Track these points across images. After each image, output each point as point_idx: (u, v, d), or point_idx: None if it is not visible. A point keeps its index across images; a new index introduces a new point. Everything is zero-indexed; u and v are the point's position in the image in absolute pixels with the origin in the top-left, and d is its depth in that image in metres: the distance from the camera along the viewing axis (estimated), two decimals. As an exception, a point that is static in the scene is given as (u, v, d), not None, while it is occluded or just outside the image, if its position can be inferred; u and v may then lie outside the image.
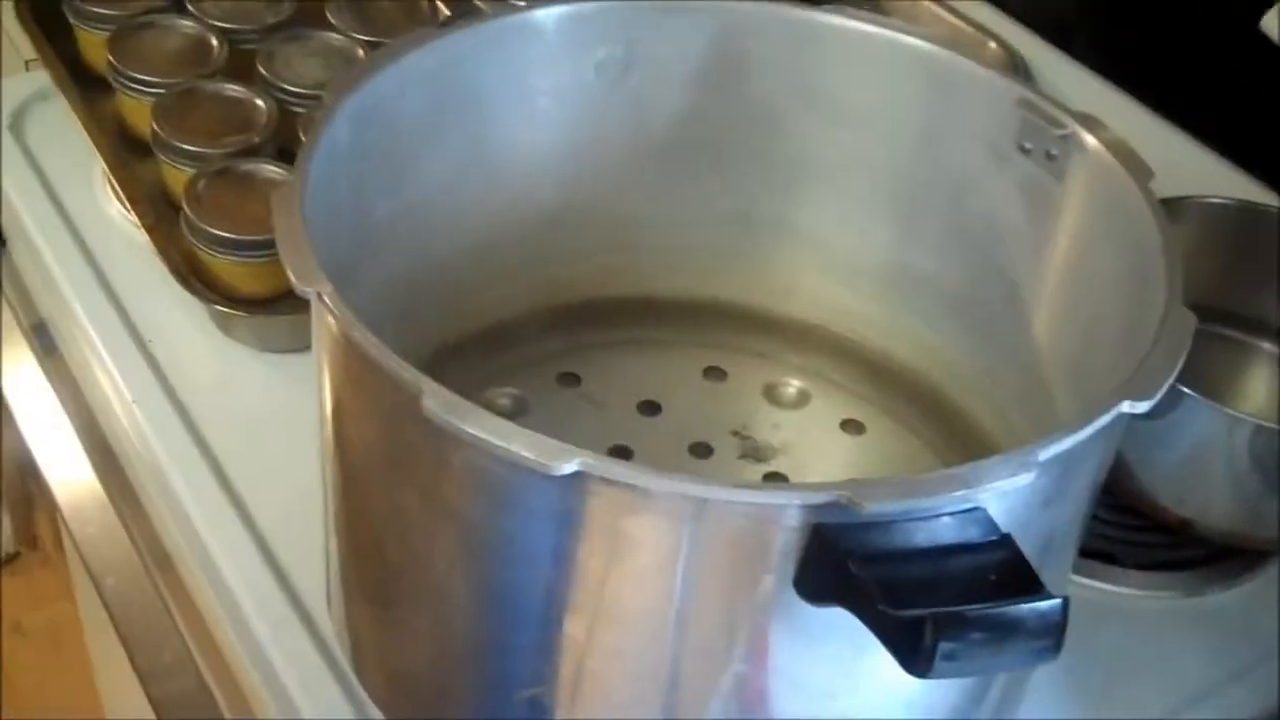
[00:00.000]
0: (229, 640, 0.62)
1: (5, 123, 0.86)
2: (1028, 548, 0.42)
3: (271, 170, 0.75)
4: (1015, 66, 0.92)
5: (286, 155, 0.77)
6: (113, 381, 0.72)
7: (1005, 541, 0.42)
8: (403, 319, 0.62)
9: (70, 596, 1.12)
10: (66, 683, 1.32)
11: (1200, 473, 0.63)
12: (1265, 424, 0.61)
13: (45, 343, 0.79)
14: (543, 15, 0.62)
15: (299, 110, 0.79)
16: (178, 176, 0.76)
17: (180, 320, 0.75)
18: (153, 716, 0.64)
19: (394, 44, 0.59)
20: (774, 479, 0.65)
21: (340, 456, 0.52)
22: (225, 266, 0.72)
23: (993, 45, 0.94)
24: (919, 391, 0.68)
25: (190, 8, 0.85)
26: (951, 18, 0.96)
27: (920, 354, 0.68)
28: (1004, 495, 0.43)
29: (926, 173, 0.64)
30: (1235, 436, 0.61)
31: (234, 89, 0.80)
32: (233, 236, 0.71)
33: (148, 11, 0.85)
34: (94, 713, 1.19)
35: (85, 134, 0.80)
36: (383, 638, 0.55)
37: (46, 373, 0.77)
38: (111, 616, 0.67)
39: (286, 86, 0.80)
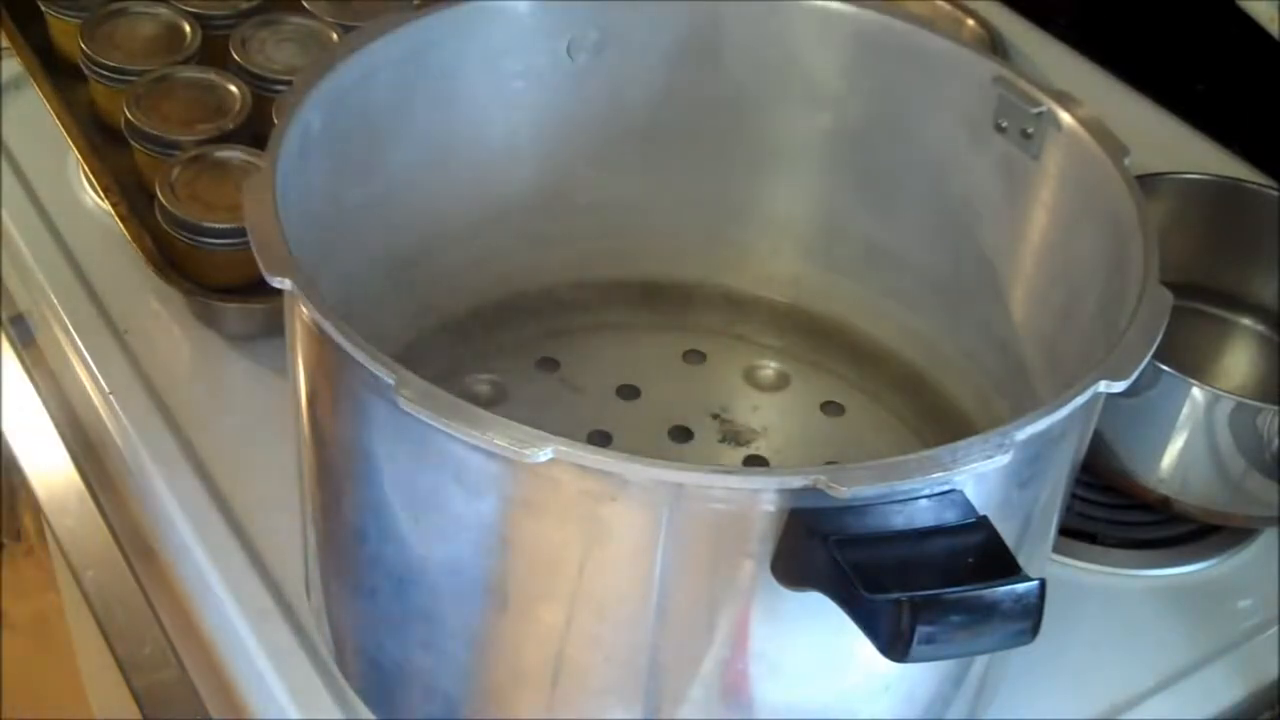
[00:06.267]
0: (209, 631, 0.62)
1: (-23, 112, 0.85)
2: (1006, 529, 0.42)
3: (246, 157, 0.75)
4: (993, 44, 0.92)
5: (261, 141, 0.75)
6: (89, 372, 0.71)
7: (982, 523, 0.42)
8: (379, 305, 0.61)
9: (55, 588, 1.11)
10: (53, 675, 1.31)
11: (1179, 450, 0.63)
12: (1245, 400, 0.61)
13: (22, 334, 0.78)
14: (516, -2, 0.62)
15: (274, 96, 0.79)
16: (152, 164, 0.76)
17: (157, 309, 0.74)
18: (135, 708, 0.64)
19: (365, 28, 0.58)
20: (754, 462, 0.65)
21: (316, 446, 0.52)
22: (201, 254, 0.71)
23: (970, 23, 0.94)
24: (898, 373, 0.68)
25: (162, -7, 0.85)
26: (930, -5, 0.96)
27: (899, 335, 0.68)
28: (981, 477, 0.43)
29: (903, 152, 0.64)
30: (1215, 413, 0.61)
31: (207, 75, 0.79)
32: (207, 224, 0.71)
33: (119, -2, 0.84)
34: (80, 705, 1.18)
35: (58, 123, 0.80)
36: (361, 627, 0.55)
37: (24, 364, 0.76)
38: (92, 609, 0.66)
39: (260, 72, 0.79)
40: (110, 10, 0.83)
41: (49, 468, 0.71)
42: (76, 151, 0.78)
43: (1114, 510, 0.67)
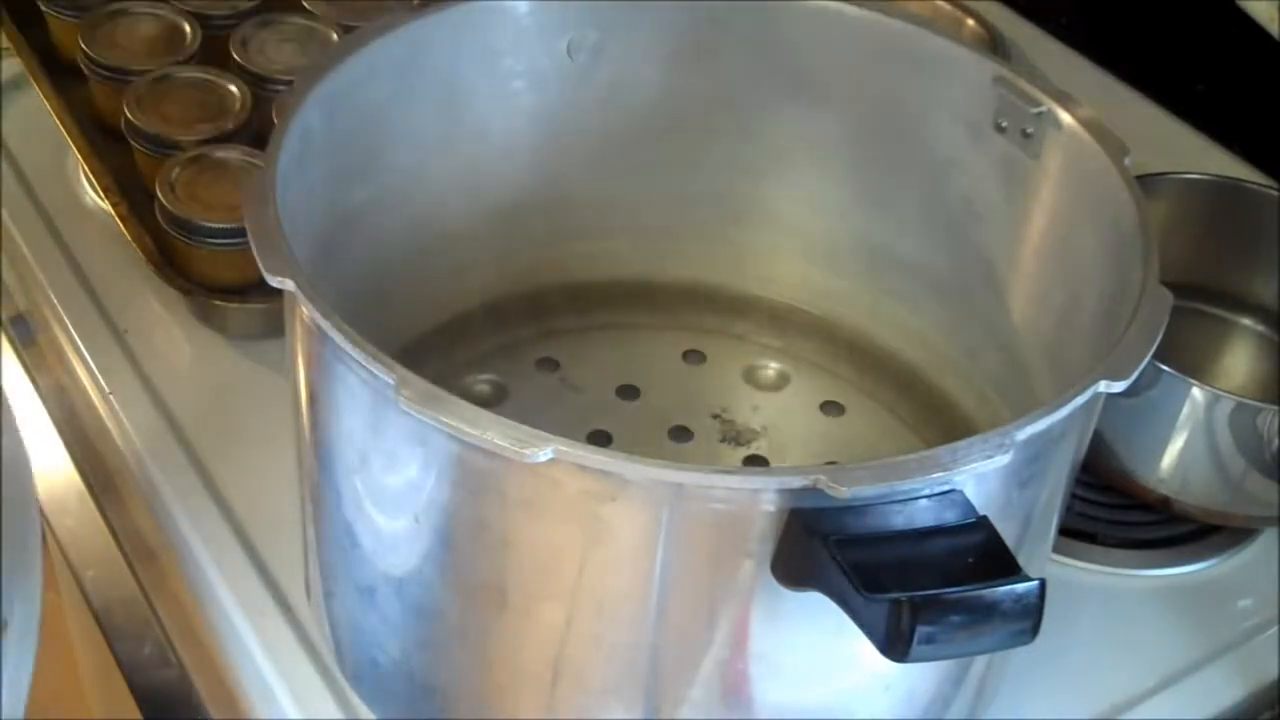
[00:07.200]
0: (209, 631, 0.62)
1: (-23, 112, 0.85)
2: (1006, 529, 0.42)
3: (246, 157, 0.75)
4: (994, 44, 0.92)
5: (261, 141, 0.76)
6: (89, 372, 0.71)
7: (982, 523, 0.42)
8: (379, 305, 0.61)
9: (55, 588, 1.11)
10: (51, 674, 1.31)
11: (1179, 450, 0.63)
12: (1245, 400, 0.61)
13: (22, 334, 0.78)
14: (516, -2, 0.62)
15: (274, 96, 0.79)
16: (152, 164, 0.76)
17: (157, 309, 0.74)
18: (135, 708, 0.64)
19: (365, 28, 0.58)
20: (754, 461, 0.65)
21: (316, 446, 0.51)
22: (200, 254, 0.71)
23: (970, 23, 0.93)
24: (898, 372, 0.68)
25: (162, -7, 0.85)
26: (930, -4, 0.96)
27: (899, 335, 0.68)
28: (981, 477, 0.43)
29: (903, 152, 0.64)
30: (1215, 413, 0.61)
31: (208, 75, 0.79)
32: (207, 224, 0.71)
33: (120, -2, 0.84)
34: (80, 705, 1.18)
35: (58, 123, 0.80)
36: (361, 626, 0.55)
37: (24, 364, 0.77)
38: (92, 609, 0.66)
39: (260, 72, 0.79)
40: (110, 10, 0.83)
41: (49, 468, 0.71)
42: (76, 151, 0.78)
43: (1114, 510, 0.67)
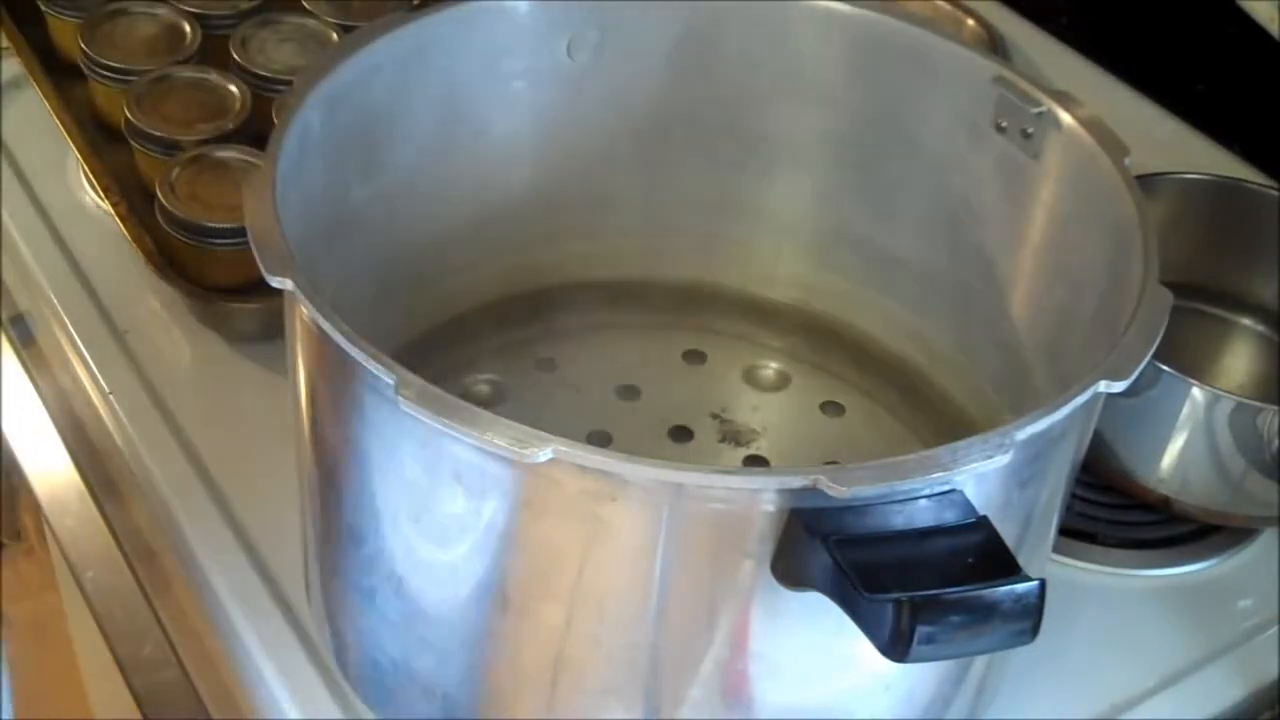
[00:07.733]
0: (210, 631, 0.62)
1: (-23, 112, 0.85)
2: (1005, 529, 0.42)
3: (246, 157, 0.75)
4: (994, 44, 0.92)
5: (261, 141, 0.76)
6: (89, 372, 0.71)
7: (982, 523, 0.42)
8: (379, 304, 0.61)
9: (55, 588, 1.11)
10: (51, 675, 1.31)
11: (1179, 450, 0.63)
12: (1245, 400, 0.61)
13: (22, 334, 0.78)
14: (516, -2, 0.62)
15: (274, 96, 0.79)
16: (152, 164, 0.76)
17: (156, 309, 0.74)
18: (135, 708, 0.64)
19: (365, 28, 0.58)
20: (754, 462, 0.65)
21: (316, 446, 0.52)
22: (200, 255, 0.71)
23: (971, 23, 0.93)
24: (898, 372, 0.68)
25: (162, -7, 0.85)
26: (930, -5, 0.96)
27: (899, 335, 0.68)
28: (981, 477, 0.43)
29: (903, 152, 0.64)
30: (1215, 413, 0.62)
31: (208, 75, 0.79)
32: (207, 224, 0.71)
33: (119, -3, 0.84)
34: (80, 705, 1.18)
35: (58, 123, 0.80)
36: (361, 627, 0.55)
37: (24, 364, 0.77)
38: (92, 609, 0.66)
39: (260, 72, 0.80)
40: (110, 10, 0.83)
41: (49, 468, 0.71)
42: (76, 151, 0.78)
43: (1114, 510, 0.67)
